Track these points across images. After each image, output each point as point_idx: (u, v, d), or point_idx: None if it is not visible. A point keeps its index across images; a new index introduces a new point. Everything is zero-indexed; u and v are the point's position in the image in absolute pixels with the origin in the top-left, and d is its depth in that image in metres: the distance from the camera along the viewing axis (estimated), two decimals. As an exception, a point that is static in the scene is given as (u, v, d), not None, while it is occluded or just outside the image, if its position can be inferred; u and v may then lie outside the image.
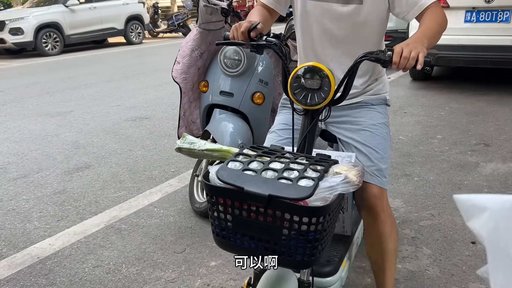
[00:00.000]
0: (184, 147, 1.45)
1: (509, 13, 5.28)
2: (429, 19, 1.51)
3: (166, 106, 5.65)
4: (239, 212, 1.14)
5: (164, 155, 3.88)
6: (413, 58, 1.28)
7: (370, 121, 1.68)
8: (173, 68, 2.81)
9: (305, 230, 1.09)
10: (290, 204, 1.07)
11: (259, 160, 1.19)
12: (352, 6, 1.59)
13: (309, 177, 1.11)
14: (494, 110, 4.86)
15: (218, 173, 1.14)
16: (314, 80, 1.36)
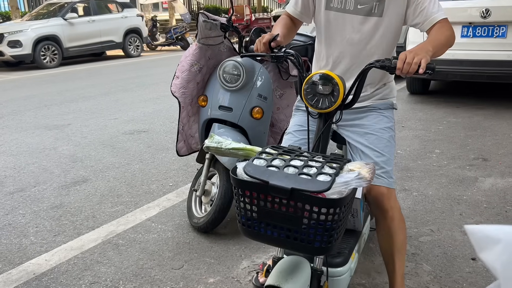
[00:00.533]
0: (212, 146, 1.56)
1: (505, 29, 5.32)
2: (438, 32, 1.66)
3: (164, 119, 5.65)
4: (264, 203, 1.27)
5: (162, 169, 3.86)
6: (416, 64, 1.42)
7: (377, 125, 1.83)
8: (172, 82, 2.82)
9: (323, 220, 1.22)
10: (310, 196, 1.20)
11: (280, 158, 1.32)
12: (373, 19, 1.76)
13: (327, 173, 1.23)
14: (492, 125, 4.88)
15: (246, 168, 1.27)
16: (325, 86, 1.51)
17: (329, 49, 1.86)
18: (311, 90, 1.54)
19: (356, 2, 1.76)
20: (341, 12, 1.79)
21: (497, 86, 6.78)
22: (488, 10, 5.31)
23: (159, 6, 23.08)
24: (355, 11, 1.77)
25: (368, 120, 1.84)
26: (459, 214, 2.86)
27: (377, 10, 1.75)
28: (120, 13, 13.65)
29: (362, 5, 1.76)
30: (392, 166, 1.81)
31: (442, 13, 1.71)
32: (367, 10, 1.76)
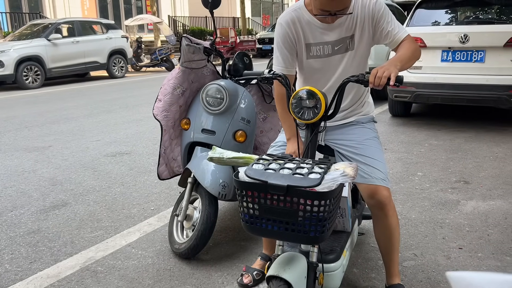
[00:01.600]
0: (215, 157, 1.74)
1: (483, 53, 5.46)
2: (404, 49, 1.90)
3: (147, 141, 5.60)
4: (264, 201, 1.48)
5: (143, 192, 3.80)
6: (385, 77, 1.65)
7: (364, 137, 2.08)
8: (154, 105, 2.80)
9: (316, 211, 1.43)
10: (304, 191, 1.41)
11: (276, 163, 1.55)
12: (348, 53, 2.02)
13: (317, 172, 1.46)
14: (473, 147, 4.95)
15: (246, 172, 1.49)
16: (309, 100, 1.75)
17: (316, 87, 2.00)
18: (298, 104, 1.77)
19: (333, 46, 2.00)
20: (321, 58, 2.03)
21: (477, 109, 6.91)
22: (467, 35, 5.45)
23: (144, 27, 23.17)
24: (333, 53, 2.02)
25: (355, 133, 2.09)
26: (442, 238, 2.86)
27: (350, 45, 2.01)
28: (105, 34, 13.66)
29: (338, 46, 2.00)
30: (386, 168, 2.04)
31: (404, 31, 1.96)
32: (343, 48, 2.01)
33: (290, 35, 2.02)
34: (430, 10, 6.12)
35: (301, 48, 2.04)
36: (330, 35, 1.98)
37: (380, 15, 1.95)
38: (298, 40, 2.03)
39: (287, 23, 2.01)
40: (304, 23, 2.00)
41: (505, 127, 5.85)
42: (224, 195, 2.55)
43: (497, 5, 5.94)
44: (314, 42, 2.01)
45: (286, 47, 2.04)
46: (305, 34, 2.01)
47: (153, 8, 19.46)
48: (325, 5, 1.78)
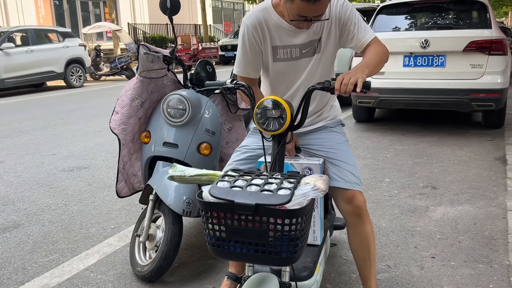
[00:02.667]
0: (176, 175, 1.61)
1: (443, 58, 5.54)
2: (371, 53, 1.84)
3: (107, 154, 5.35)
4: (231, 222, 1.35)
5: (103, 210, 3.58)
6: (352, 84, 1.59)
7: (335, 141, 2.04)
8: (111, 118, 2.62)
9: (287, 230, 1.32)
10: (274, 209, 1.30)
11: (242, 179, 1.44)
12: (316, 56, 1.96)
13: (286, 187, 1.36)
14: (437, 151, 4.98)
15: (211, 191, 1.36)
16: (274, 110, 1.67)
17: (280, 90, 2.03)
18: (262, 115, 1.69)
19: (301, 49, 1.93)
20: (288, 61, 1.96)
21: (439, 113, 7.01)
22: (427, 40, 5.51)
23: (103, 35, 22.63)
24: (301, 56, 1.95)
25: (325, 138, 2.05)
26: (414, 247, 2.81)
27: (318, 48, 1.95)
28: (61, 43, 13.20)
29: (306, 49, 1.94)
30: (358, 171, 1.98)
31: (371, 34, 1.90)
32: (311, 52, 1.95)
33: (256, 37, 1.92)
34: (391, 16, 6.18)
35: (267, 51, 1.95)
36: (299, 38, 1.91)
37: (347, 17, 1.89)
38: (264, 43, 1.94)
39: (253, 24, 1.91)
40: (271, 25, 1.91)
41: (467, 130, 5.95)
42: (189, 212, 2.40)
43: (455, 10, 6.05)
44: (282, 45, 1.93)
45: (252, 49, 1.95)
46: (272, 36, 1.92)
47: (112, 15, 19.00)
48: (303, 10, 1.68)
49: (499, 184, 3.87)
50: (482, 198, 3.56)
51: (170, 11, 2.55)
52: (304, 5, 1.66)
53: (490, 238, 2.87)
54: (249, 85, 1.83)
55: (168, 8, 2.54)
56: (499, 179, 4.00)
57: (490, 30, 5.40)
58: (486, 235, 2.93)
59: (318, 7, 1.67)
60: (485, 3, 5.73)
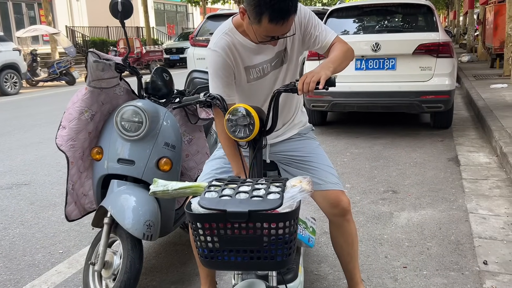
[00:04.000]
0: (158, 191, 1.57)
1: (394, 61, 5.60)
2: (335, 50, 1.85)
3: (50, 168, 4.95)
4: (224, 231, 1.35)
5: (49, 232, 3.26)
6: (314, 82, 1.60)
7: (311, 146, 2.08)
8: (57, 134, 2.35)
9: (282, 233, 1.35)
10: (267, 214, 1.32)
11: (229, 187, 1.44)
12: (283, 67, 1.97)
13: (275, 192, 1.39)
14: (392, 154, 5.01)
15: (200, 202, 1.36)
16: (243, 118, 1.68)
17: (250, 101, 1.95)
18: (233, 123, 1.70)
19: (270, 63, 1.94)
20: (261, 78, 1.96)
21: (390, 114, 7.12)
22: (378, 44, 5.55)
23: (39, 38, 21.48)
24: (272, 69, 1.96)
25: (301, 145, 2.08)
26: (384, 256, 2.74)
27: (285, 58, 1.96)
28: (-7, 48, 12.31)
29: (274, 62, 1.95)
30: (336, 172, 2.04)
31: (332, 34, 1.93)
32: (279, 63, 1.96)
33: (229, 61, 1.88)
34: (341, 19, 6.19)
35: (240, 72, 1.93)
36: (267, 53, 1.92)
37: (306, 21, 1.91)
38: (237, 65, 1.92)
39: (223, 49, 1.87)
40: (239, 47, 1.90)
41: (417, 131, 6.06)
42: (149, 236, 2.18)
43: (404, 14, 6.16)
44: (253, 64, 1.93)
45: (226, 74, 1.89)
46: (242, 57, 1.91)
47: (48, 18, 18.01)
48: (272, 31, 1.70)
49: (456, 186, 3.91)
50: (443, 201, 3.57)
51: (122, 14, 2.32)
52: (272, 27, 1.66)
53: (457, 243, 2.86)
54: (222, 97, 1.83)
55: (119, 12, 2.31)
56: (455, 180, 4.05)
57: (438, 33, 5.53)
58: (452, 240, 2.91)
59: (285, 27, 1.69)
60: (431, 7, 5.87)
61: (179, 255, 2.86)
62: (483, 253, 2.70)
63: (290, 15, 1.65)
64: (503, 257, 2.65)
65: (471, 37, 19.24)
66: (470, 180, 4.03)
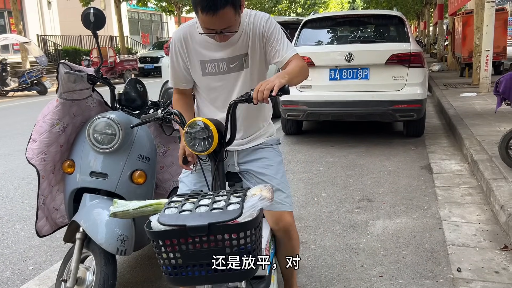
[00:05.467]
0: (118, 211, 1.58)
1: (367, 71, 5.69)
2: (291, 64, 1.88)
3: (20, 180, 4.82)
4: (186, 247, 1.35)
5: (18, 248, 3.16)
6: (268, 89, 1.60)
7: (274, 159, 2.10)
8: (27, 147, 2.29)
9: (243, 243, 1.35)
10: (227, 225, 1.32)
11: (189, 202, 1.44)
12: (244, 71, 1.99)
13: (234, 202, 1.40)
14: (366, 162, 5.07)
15: (160, 219, 1.35)
16: (201, 131, 1.69)
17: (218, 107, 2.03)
18: (192, 136, 1.70)
19: (228, 63, 1.96)
20: (217, 75, 1.98)
21: (364, 123, 7.21)
22: (352, 54, 5.63)
23: (9, 47, 21.02)
24: (229, 70, 1.97)
25: (264, 154, 2.09)
26: (360, 265, 2.75)
27: (245, 63, 1.98)
28: (-40, 56, 11.96)
29: (233, 64, 1.97)
30: (289, 191, 2.08)
31: (293, 50, 1.93)
32: (239, 66, 1.97)
33: (181, 50, 1.98)
34: (315, 30, 6.26)
35: (195, 65, 1.99)
36: (224, 52, 1.95)
37: (270, 33, 1.94)
38: (190, 57, 1.98)
39: (179, 39, 1.98)
40: (197, 39, 1.95)
41: (391, 140, 6.15)
42: (123, 251, 2.14)
43: (376, 25, 6.27)
44: (209, 59, 1.97)
45: (178, 62, 2.02)
46: (198, 50, 1.96)
47: (19, 26, 17.64)
48: (207, 23, 1.73)
49: (429, 193, 3.98)
50: (417, 209, 3.63)
51: (94, 25, 2.29)
52: (205, 17, 1.70)
53: (431, 251, 2.90)
54: (180, 112, 1.86)
55: (91, 22, 2.27)
56: (428, 188, 4.12)
57: (409, 44, 5.64)
58: (427, 248, 2.95)
59: (220, 19, 1.70)
60: (403, 18, 6.00)
61: (154, 268, 2.81)
62: (456, 260, 2.75)
63: (220, 7, 1.66)
64: (476, 264, 2.69)
65: (441, 47, 19.78)
66: (443, 187, 4.10)
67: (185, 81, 2.05)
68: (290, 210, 2.03)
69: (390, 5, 28.84)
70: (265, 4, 32.65)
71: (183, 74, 2.03)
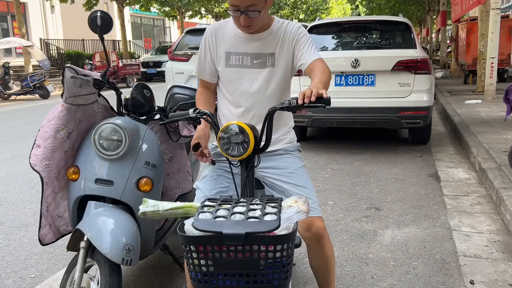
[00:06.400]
0: (148, 211, 1.52)
1: (373, 77, 5.64)
2: (318, 72, 1.89)
3: (22, 185, 4.76)
4: (220, 254, 1.31)
5: (20, 255, 3.09)
6: (314, 95, 1.59)
7: (295, 165, 2.06)
8: (31, 153, 2.22)
9: (279, 257, 1.32)
10: (264, 237, 1.28)
11: (223, 208, 1.39)
12: (267, 70, 2.04)
13: (271, 213, 1.33)
14: (373, 170, 5.00)
15: (195, 224, 1.30)
16: (237, 135, 1.66)
17: (234, 101, 2.09)
18: (226, 140, 1.67)
19: (252, 58, 2.04)
20: (240, 68, 2.05)
21: (369, 129, 7.16)
22: (357, 60, 5.58)
23: (12, 51, 21.03)
24: (251, 65, 2.05)
25: (285, 162, 2.07)
26: (370, 277, 2.68)
27: (270, 62, 2.04)
28: (-37, 60, 11.96)
29: (257, 60, 2.04)
30: (316, 196, 2.02)
31: (317, 55, 2.00)
32: (262, 63, 2.05)
33: (210, 42, 2.11)
34: (321, 35, 6.22)
35: (221, 56, 2.08)
36: (250, 47, 2.04)
37: (300, 37, 2.05)
38: (217, 48, 2.09)
39: (210, 31, 2.11)
40: (226, 33, 2.08)
41: (397, 146, 6.09)
42: (129, 261, 2.07)
43: (382, 31, 6.23)
44: (234, 51, 2.06)
45: (206, 53, 2.12)
46: (226, 43, 2.08)
47: (22, 30, 17.65)
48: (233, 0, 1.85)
49: (438, 202, 3.91)
50: (426, 218, 3.56)
51: (101, 29, 2.23)
52: None
53: (442, 262, 2.83)
54: (211, 113, 1.85)
55: (98, 26, 2.22)
56: (436, 196, 4.05)
57: (415, 50, 5.60)
58: (437, 258, 2.88)
59: None
60: (409, 24, 5.95)
61: (159, 278, 2.75)
62: (469, 272, 2.68)
63: None
64: (489, 276, 2.63)
65: (444, 54, 19.74)
66: (451, 196, 4.04)
67: (210, 74, 2.12)
68: (320, 216, 1.97)
69: (392, 11, 28.86)
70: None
71: (209, 66, 2.11)
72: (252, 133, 1.66)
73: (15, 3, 17.28)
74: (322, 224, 1.95)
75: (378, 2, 30.32)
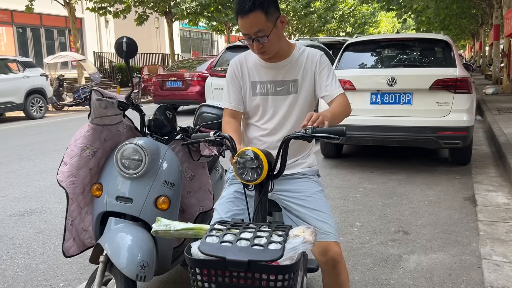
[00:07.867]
0: (160, 230, 1.58)
1: (410, 96, 5.53)
2: (335, 104, 2.03)
3: (62, 195, 4.93)
4: (222, 279, 1.35)
5: (52, 263, 3.26)
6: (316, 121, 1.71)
7: (312, 189, 2.08)
8: (58, 170, 2.37)
9: (280, 286, 1.33)
10: (266, 266, 1.32)
11: (231, 233, 1.43)
12: (291, 96, 2.13)
13: (276, 241, 1.36)
14: (406, 191, 4.89)
15: (201, 247, 1.36)
16: (251, 161, 1.71)
17: (258, 128, 2.16)
18: (241, 165, 1.72)
19: (275, 85, 2.13)
20: (264, 96, 2.14)
21: (407, 148, 7.00)
22: (394, 78, 5.50)
23: (68, 63, 22.17)
24: (275, 93, 2.13)
25: (302, 186, 2.08)
26: (388, 304, 2.63)
27: (293, 89, 2.12)
28: (22, 73, 12.78)
29: (280, 87, 2.12)
30: (333, 221, 2.01)
31: (340, 89, 2.08)
32: (285, 90, 2.12)
33: (237, 73, 2.20)
34: (357, 53, 6.18)
35: (246, 85, 2.17)
36: (274, 75, 2.13)
37: (323, 67, 2.11)
38: (243, 78, 2.18)
39: (235, 63, 2.22)
40: (250, 63, 2.18)
41: (435, 167, 5.92)
42: (143, 277, 2.15)
43: (420, 48, 6.11)
44: (259, 80, 2.15)
45: (232, 83, 2.20)
46: (251, 72, 2.17)
47: (77, 44, 18.63)
48: (241, 27, 1.94)
49: (470, 228, 3.77)
50: (455, 244, 3.44)
51: (126, 54, 2.36)
52: (239, 22, 1.93)
53: (466, 292, 2.74)
54: (231, 137, 1.90)
55: (124, 51, 2.35)
56: (470, 222, 3.91)
57: (455, 69, 5.44)
58: (462, 288, 2.79)
59: (250, 22, 1.90)
60: (449, 42, 5.81)
61: (178, 293, 2.82)
62: (493, 305, 2.57)
63: (249, 10, 1.87)
64: (515, 310, 2.51)
65: (497, 69, 18.97)
66: (486, 222, 3.88)
67: (236, 102, 2.18)
68: (337, 241, 1.97)
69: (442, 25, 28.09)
70: (314, 23, 32.68)
71: (236, 95, 2.18)
72: (266, 160, 1.71)
73: (71, 19, 18.27)
74: (339, 249, 1.95)
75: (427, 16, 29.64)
